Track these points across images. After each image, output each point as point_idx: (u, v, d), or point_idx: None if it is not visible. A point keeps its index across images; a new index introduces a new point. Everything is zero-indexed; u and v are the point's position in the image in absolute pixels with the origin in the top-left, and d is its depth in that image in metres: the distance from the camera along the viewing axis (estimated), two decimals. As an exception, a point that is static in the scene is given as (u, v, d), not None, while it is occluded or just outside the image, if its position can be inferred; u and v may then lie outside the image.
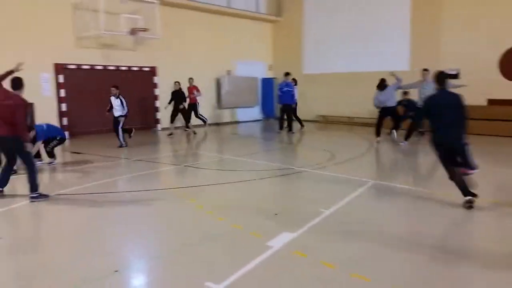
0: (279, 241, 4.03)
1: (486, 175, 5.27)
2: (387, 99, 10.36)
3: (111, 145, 10.45)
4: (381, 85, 10.45)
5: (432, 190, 6.06)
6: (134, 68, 13.78)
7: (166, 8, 13.82)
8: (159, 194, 6.06)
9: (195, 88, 13.35)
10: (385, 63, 13.95)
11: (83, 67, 12.61)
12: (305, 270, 3.47)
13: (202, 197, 5.89)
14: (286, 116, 13.19)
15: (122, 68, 13.48)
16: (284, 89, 13.00)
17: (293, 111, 13.52)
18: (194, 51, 15.24)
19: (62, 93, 12.19)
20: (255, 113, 18.16)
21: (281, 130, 13.36)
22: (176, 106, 12.91)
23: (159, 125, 14.65)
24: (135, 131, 10.99)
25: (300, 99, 14.31)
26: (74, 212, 5.34)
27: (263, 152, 10.56)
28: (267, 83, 18.13)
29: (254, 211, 5.15)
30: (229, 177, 7.13)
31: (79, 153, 9.62)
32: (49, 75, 11.96)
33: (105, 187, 6.55)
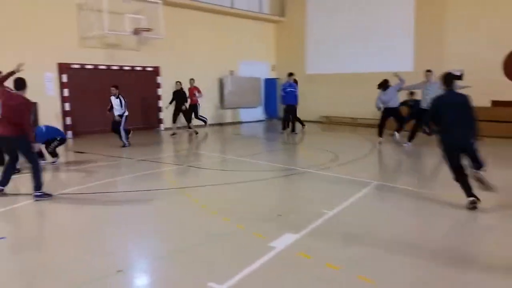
0: (282, 242, 4.01)
1: (490, 176, 5.23)
2: (389, 99, 10.31)
3: (114, 145, 10.47)
4: (383, 85, 10.41)
5: (435, 191, 6.04)
6: (137, 68, 13.81)
7: (169, 8, 13.85)
8: (162, 194, 6.06)
9: (196, 89, 13.24)
10: (389, 64, 13.88)
11: (87, 66, 12.66)
12: (308, 271, 3.46)
13: (205, 197, 5.88)
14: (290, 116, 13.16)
15: (125, 68, 13.51)
16: (287, 89, 12.96)
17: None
18: (197, 51, 15.25)
19: (65, 92, 12.24)
20: (258, 113, 18.14)
21: (284, 130, 13.36)
22: (177, 106, 12.87)
23: (162, 125, 14.67)
24: (134, 131, 11.00)
25: (303, 100, 14.26)
26: (77, 211, 5.35)
27: (266, 152, 10.55)
28: (270, 83, 18.11)
29: (257, 211, 5.14)
30: (232, 177, 7.12)
31: (82, 153, 9.64)
32: (53, 74, 12.01)
33: (108, 186, 6.56)
